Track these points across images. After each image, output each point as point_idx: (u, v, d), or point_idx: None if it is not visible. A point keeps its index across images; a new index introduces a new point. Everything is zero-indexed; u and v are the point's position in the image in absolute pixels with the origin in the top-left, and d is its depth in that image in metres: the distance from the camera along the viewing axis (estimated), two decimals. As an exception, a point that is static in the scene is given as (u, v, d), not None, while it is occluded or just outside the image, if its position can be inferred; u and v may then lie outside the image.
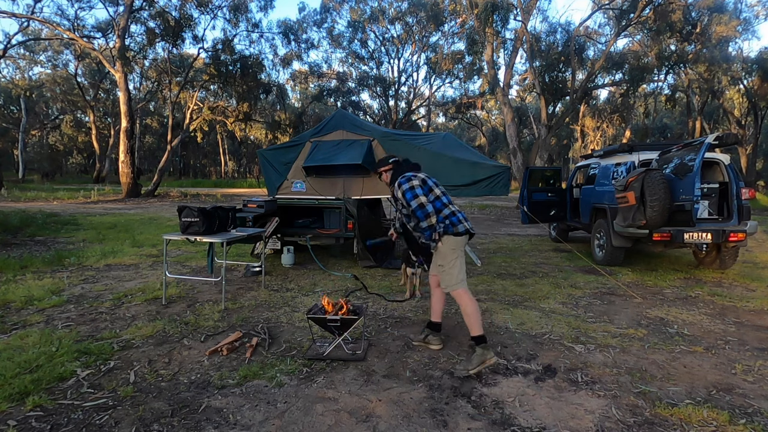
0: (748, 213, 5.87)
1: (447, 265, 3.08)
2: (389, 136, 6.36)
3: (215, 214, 4.40)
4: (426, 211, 3.00)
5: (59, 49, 31.16)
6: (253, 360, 3.06)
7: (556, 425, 2.31)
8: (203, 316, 3.97)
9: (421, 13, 26.50)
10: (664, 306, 4.54)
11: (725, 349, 3.39)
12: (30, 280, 5.13)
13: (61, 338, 3.33)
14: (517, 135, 18.79)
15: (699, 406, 2.49)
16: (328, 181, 6.38)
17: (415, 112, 33.97)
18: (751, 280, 5.72)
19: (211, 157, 50.06)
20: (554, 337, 3.58)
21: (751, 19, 22.05)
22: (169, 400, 2.52)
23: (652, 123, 34.28)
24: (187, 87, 24.71)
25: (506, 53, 20.73)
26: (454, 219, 3.09)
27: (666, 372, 2.96)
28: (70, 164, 47.55)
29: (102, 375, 2.80)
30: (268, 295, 4.76)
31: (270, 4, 23.83)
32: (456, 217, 3.10)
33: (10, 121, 37.46)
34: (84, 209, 14.34)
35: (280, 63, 27.14)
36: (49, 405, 2.43)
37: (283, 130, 27.80)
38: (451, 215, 3.09)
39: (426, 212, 3.00)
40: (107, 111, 36.97)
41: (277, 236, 6.25)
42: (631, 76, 19.02)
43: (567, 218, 8.25)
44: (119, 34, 19.56)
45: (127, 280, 5.29)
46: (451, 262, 3.06)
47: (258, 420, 2.33)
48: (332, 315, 3.13)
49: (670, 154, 5.75)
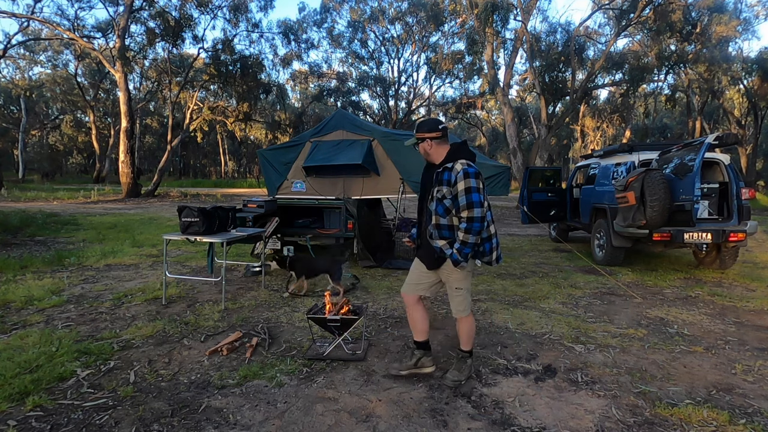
0: (748, 213, 5.87)
1: (465, 289, 2.68)
2: (389, 136, 6.36)
3: (215, 214, 4.40)
4: (482, 226, 2.50)
5: (59, 49, 31.16)
6: (253, 360, 3.06)
7: (556, 425, 2.31)
8: (203, 316, 3.97)
9: (421, 13, 26.50)
10: (664, 306, 4.54)
11: (725, 349, 3.39)
12: (30, 280, 5.13)
13: (61, 338, 3.33)
14: (517, 135, 18.79)
15: (699, 406, 2.49)
16: (328, 181, 6.38)
17: (415, 112, 33.95)
18: (751, 280, 5.72)
19: (211, 157, 50.05)
20: (554, 337, 3.58)
21: (751, 19, 22.07)
22: (169, 400, 2.52)
23: (652, 123, 34.28)
24: (187, 87, 24.70)
25: (506, 53, 20.75)
26: (494, 242, 2.64)
27: (666, 372, 2.95)
28: (70, 164, 47.55)
29: (102, 375, 2.80)
30: (268, 295, 4.76)
31: (270, 4, 23.85)
32: (495, 240, 2.66)
33: (10, 121, 37.45)
34: (84, 209, 14.33)
35: (280, 63, 27.17)
36: (49, 405, 2.43)
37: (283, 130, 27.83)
38: (491, 237, 2.63)
39: (482, 226, 2.49)
40: (107, 111, 36.97)
41: (277, 236, 6.25)
42: (631, 76, 19.03)
43: (567, 218, 8.24)
44: (119, 34, 19.56)
45: (127, 280, 5.29)
46: (469, 285, 2.72)
47: (258, 420, 2.33)
48: (332, 315, 3.13)
49: (670, 154, 5.75)
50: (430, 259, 2.66)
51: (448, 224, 2.57)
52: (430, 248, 2.64)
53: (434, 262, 2.65)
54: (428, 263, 2.69)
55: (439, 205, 2.57)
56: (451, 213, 2.55)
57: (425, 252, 2.70)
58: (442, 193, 2.55)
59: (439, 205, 2.57)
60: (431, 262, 2.66)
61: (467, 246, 2.49)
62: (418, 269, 2.78)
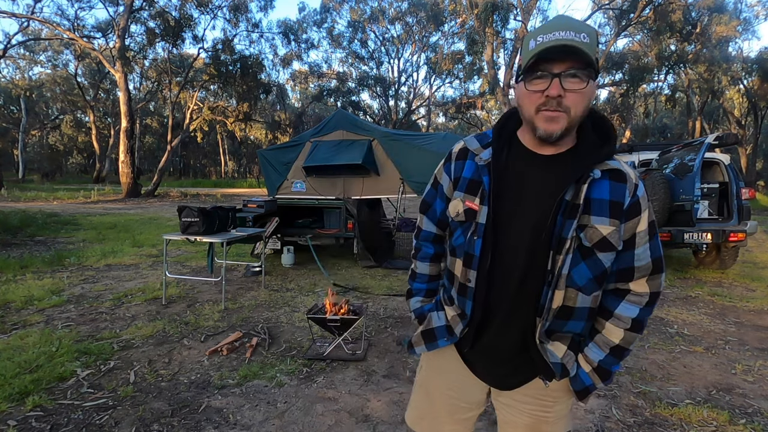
0: (748, 213, 5.87)
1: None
2: (389, 136, 6.36)
3: (215, 214, 4.40)
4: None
5: (59, 49, 31.16)
6: (253, 360, 3.06)
7: (556, 425, 2.31)
8: (203, 316, 3.97)
9: (421, 13, 26.54)
10: (664, 306, 4.53)
11: (725, 349, 3.39)
12: (30, 280, 5.13)
13: (61, 338, 3.33)
14: (517, 135, 18.78)
15: (699, 406, 2.49)
16: (328, 181, 6.38)
17: (415, 112, 33.99)
18: (751, 280, 5.72)
19: (211, 157, 50.03)
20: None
21: (751, 19, 22.10)
22: (169, 400, 2.52)
23: (652, 123, 34.28)
24: (187, 87, 24.69)
25: (506, 53, 20.77)
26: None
27: (666, 372, 2.95)
28: (70, 164, 47.52)
29: (102, 375, 2.80)
30: (268, 295, 4.76)
31: (270, 4, 23.89)
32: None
33: (10, 121, 37.43)
34: (84, 209, 14.33)
35: (280, 63, 27.22)
36: (49, 405, 2.43)
37: (283, 130, 27.83)
38: None
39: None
40: (107, 111, 36.96)
41: (277, 236, 6.25)
42: (631, 76, 19.05)
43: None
44: (119, 34, 19.56)
45: (127, 280, 5.29)
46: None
47: (258, 420, 2.33)
48: (332, 315, 3.13)
49: (670, 154, 5.75)
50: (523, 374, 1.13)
51: (590, 307, 1.06)
52: (525, 358, 1.09)
53: (514, 377, 1.15)
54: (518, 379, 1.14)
55: (582, 264, 1.01)
56: (605, 283, 1.06)
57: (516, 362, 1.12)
58: (595, 235, 0.99)
59: (581, 263, 1.01)
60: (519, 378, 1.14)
61: (623, 357, 1.09)
62: (455, 390, 1.23)
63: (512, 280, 1.04)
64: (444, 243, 1.23)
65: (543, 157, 1.03)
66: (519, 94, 1.01)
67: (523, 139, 1.07)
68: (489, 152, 1.06)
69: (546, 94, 0.93)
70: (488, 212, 1.03)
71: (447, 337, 1.17)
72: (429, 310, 1.23)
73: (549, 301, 1.00)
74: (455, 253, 1.12)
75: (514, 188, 1.03)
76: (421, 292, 1.27)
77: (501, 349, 1.11)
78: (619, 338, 1.05)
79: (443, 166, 1.18)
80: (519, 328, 1.06)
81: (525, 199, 1.03)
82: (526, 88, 0.97)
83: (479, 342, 1.12)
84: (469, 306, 1.09)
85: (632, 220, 1.00)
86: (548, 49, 0.91)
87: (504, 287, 1.05)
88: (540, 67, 0.94)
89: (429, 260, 1.25)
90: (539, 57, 0.92)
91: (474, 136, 1.13)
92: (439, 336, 1.18)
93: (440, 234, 1.23)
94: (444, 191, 1.17)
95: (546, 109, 0.94)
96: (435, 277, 1.27)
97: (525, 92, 0.97)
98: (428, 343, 1.20)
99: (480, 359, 1.16)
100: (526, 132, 1.04)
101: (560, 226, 0.97)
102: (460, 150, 1.14)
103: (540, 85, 0.94)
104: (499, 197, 1.03)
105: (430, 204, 1.23)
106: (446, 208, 1.16)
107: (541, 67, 0.93)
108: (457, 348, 1.18)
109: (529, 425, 1.16)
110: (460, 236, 1.10)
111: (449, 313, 1.17)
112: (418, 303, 1.26)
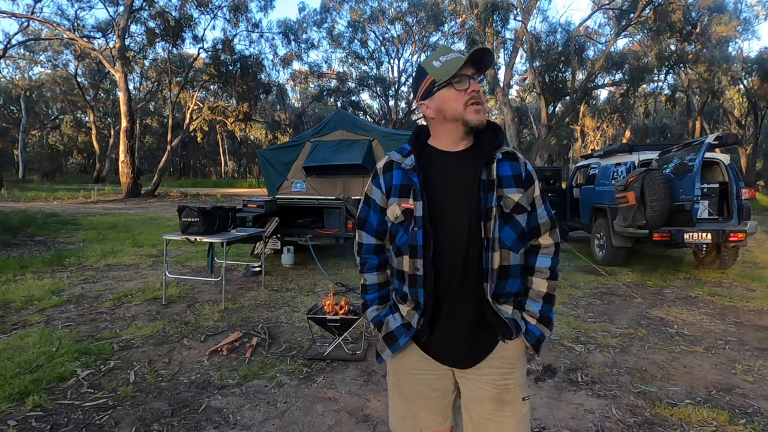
0: (748, 213, 5.87)
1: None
2: (389, 136, 6.36)
3: (215, 214, 4.41)
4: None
5: (59, 49, 31.16)
6: (253, 360, 3.06)
7: (556, 425, 2.31)
8: (203, 316, 3.97)
9: (421, 13, 26.53)
10: (664, 306, 4.54)
11: (725, 349, 3.39)
12: (30, 280, 5.13)
13: (61, 338, 3.33)
14: (517, 135, 18.81)
15: (699, 406, 2.49)
16: (328, 181, 6.38)
17: (415, 112, 33.94)
18: (751, 280, 5.72)
19: (211, 157, 50.03)
20: (554, 337, 3.58)
21: (751, 19, 22.07)
22: (169, 400, 2.52)
23: (652, 123, 34.28)
24: (187, 87, 24.70)
25: (506, 53, 20.73)
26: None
27: (666, 372, 2.96)
28: (70, 164, 47.52)
29: (102, 375, 2.80)
30: (268, 295, 4.76)
31: (270, 4, 23.90)
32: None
33: (10, 121, 37.43)
34: (84, 209, 14.33)
35: (280, 63, 27.22)
36: (49, 405, 2.43)
37: (283, 130, 27.85)
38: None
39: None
40: (107, 111, 36.97)
41: (277, 236, 6.25)
42: (631, 76, 19.03)
43: (567, 218, 8.24)
44: (119, 34, 19.57)
45: (127, 280, 5.29)
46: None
47: (258, 420, 2.33)
48: (332, 315, 3.13)
49: (670, 154, 5.75)
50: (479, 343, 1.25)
51: (521, 264, 1.26)
52: (480, 324, 1.23)
53: (472, 355, 1.25)
54: (466, 356, 1.26)
55: (506, 227, 1.21)
56: (524, 241, 1.27)
57: (466, 334, 1.24)
58: (510, 202, 1.21)
59: (505, 226, 1.21)
60: (478, 350, 1.25)
61: (553, 303, 1.29)
62: (423, 382, 1.30)
63: (456, 257, 1.19)
64: (385, 251, 1.35)
65: (456, 153, 1.25)
66: (445, 97, 1.20)
67: (436, 145, 1.27)
68: (412, 159, 1.24)
69: (472, 90, 1.19)
70: (423, 205, 1.19)
71: (405, 333, 1.26)
72: (385, 315, 1.32)
73: (491, 263, 1.18)
74: (401, 251, 1.24)
75: (440, 180, 1.23)
76: (375, 301, 1.35)
77: (456, 329, 1.23)
78: (545, 287, 1.27)
79: (372, 182, 1.32)
80: (470, 302, 1.21)
81: (451, 187, 1.22)
82: (455, 89, 1.19)
83: (435, 328, 1.24)
84: (422, 294, 1.21)
85: (530, 188, 1.27)
86: (473, 53, 1.18)
87: (449, 266, 1.20)
88: (461, 72, 1.18)
89: (376, 270, 1.35)
90: (468, 61, 1.19)
91: (395, 151, 1.30)
92: (399, 335, 1.27)
93: (380, 244, 1.34)
94: (377, 203, 1.30)
95: (474, 102, 1.19)
96: (384, 285, 1.36)
97: (453, 93, 1.19)
98: (391, 345, 1.28)
99: (439, 344, 1.26)
100: (441, 137, 1.26)
101: (484, 199, 1.19)
102: (386, 164, 1.30)
103: (464, 86, 1.19)
104: (429, 191, 1.21)
105: (365, 219, 1.34)
106: (381, 218, 1.30)
107: (462, 72, 1.18)
108: (417, 341, 1.27)
109: (493, 397, 1.25)
110: (403, 235, 1.23)
111: (404, 310, 1.27)
112: (374, 312, 1.34)
